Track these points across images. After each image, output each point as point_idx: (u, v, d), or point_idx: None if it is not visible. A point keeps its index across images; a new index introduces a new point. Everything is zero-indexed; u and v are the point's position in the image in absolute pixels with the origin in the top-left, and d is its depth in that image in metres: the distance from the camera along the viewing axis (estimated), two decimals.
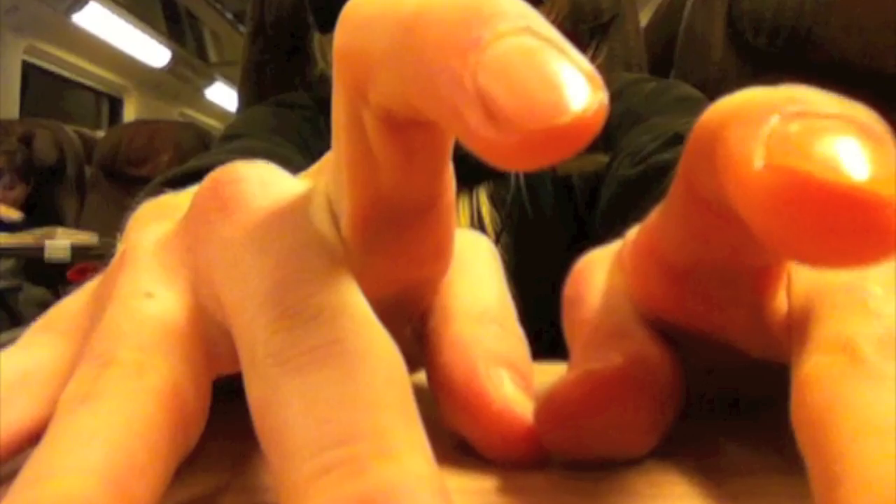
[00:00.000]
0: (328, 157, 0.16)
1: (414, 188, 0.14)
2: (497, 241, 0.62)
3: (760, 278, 0.14)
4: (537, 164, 0.10)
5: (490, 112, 0.10)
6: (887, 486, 0.09)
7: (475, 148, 0.10)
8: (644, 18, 1.04)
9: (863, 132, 0.10)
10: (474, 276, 0.19)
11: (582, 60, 0.10)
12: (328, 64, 0.70)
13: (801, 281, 0.14)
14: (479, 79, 0.10)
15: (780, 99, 0.11)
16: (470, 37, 0.10)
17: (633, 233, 0.18)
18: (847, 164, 0.10)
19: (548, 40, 0.10)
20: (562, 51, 0.10)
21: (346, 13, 0.13)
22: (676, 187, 0.14)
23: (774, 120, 0.11)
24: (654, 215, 0.16)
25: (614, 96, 0.65)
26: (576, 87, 0.10)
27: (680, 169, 0.14)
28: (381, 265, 0.15)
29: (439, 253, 0.16)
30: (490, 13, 0.10)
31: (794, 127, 0.10)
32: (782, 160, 0.10)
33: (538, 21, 0.10)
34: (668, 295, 0.16)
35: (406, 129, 0.13)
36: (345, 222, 0.14)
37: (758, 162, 0.10)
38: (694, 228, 0.14)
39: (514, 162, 0.10)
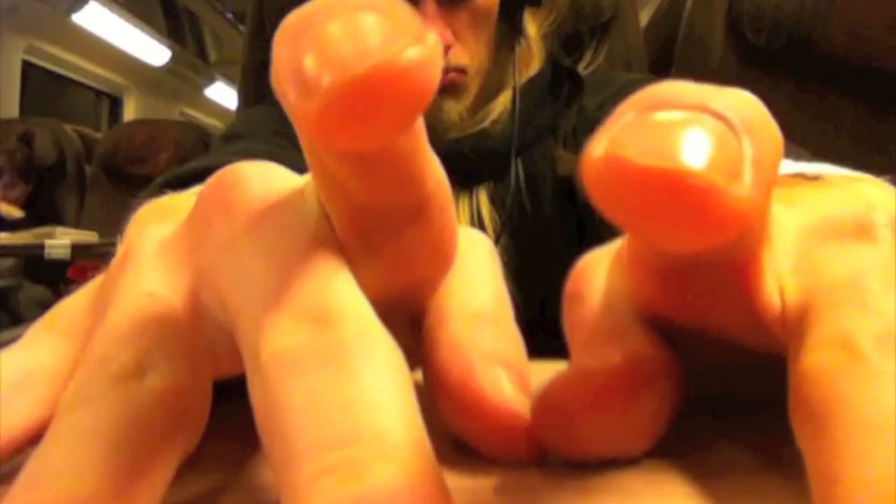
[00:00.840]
0: None
1: (388, 197, 0.14)
2: (497, 242, 0.62)
3: (741, 273, 0.14)
4: (351, 134, 0.10)
5: (299, 80, 0.10)
6: (885, 484, 0.09)
7: (301, 131, 0.10)
8: (644, 18, 1.04)
9: (705, 121, 0.11)
10: (471, 276, 0.19)
11: (409, 20, 0.10)
12: None
13: (798, 277, 0.14)
14: (297, 54, 0.10)
15: (642, 97, 0.12)
16: (301, 23, 0.10)
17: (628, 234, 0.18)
18: (671, 151, 0.10)
19: (371, 7, 0.10)
20: (385, 13, 0.10)
21: (278, 30, 0.13)
22: None
23: (629, 116, 0.11)
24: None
25: (615, 96, 0.66)
26: (378, 36, 0.09)
27: None
28: (379, 267, 0.15)
29: (437, 253, 0.16)
30: (324, 5, 0.10)
31: (641, 120, 0.11)
32: (614, 150, 0.11)
33: (382, 3, 0.10)
34: (662, 293, 0.16)
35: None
36: (338, 230, 0.14)
37: (597, 152, 0.11)
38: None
39: (326, 131, 0.10)
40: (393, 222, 0.15)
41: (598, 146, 0.11)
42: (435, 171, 0.15)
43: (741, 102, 0.11)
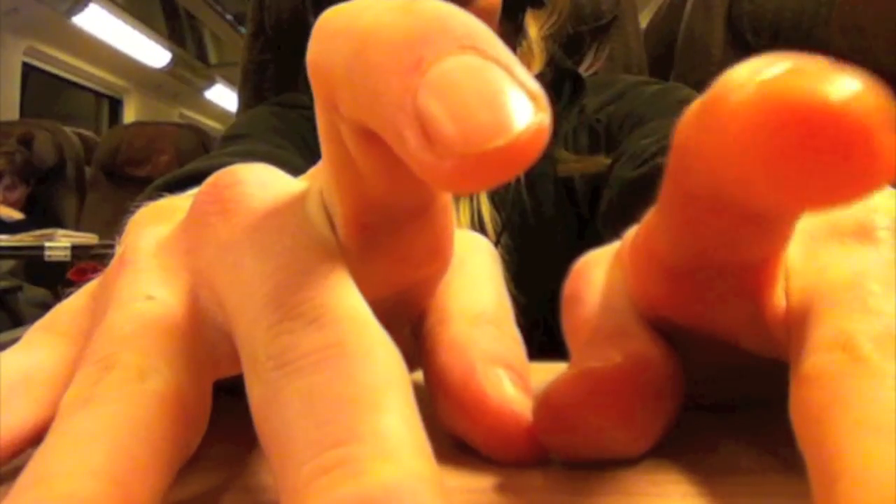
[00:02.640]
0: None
1: (402, 194, 0.14)
2: (497, 242, 0.62)
3: (756, 274, 0.14)
4: (476, 187, 0.10)
5: (428, 134, 0.09)
6: (885, 484, 0.09)
7: (417, 171, 0.10)
8: (644, 20, 1.04)
9: (845, 69, 0.10)
10: (472, 278, 0.19)
11: (527, 79, 0.10)
12: None
13: (799, 279, 0.14)
14: (419, 99, 0.10)
15: (758, 62, 0.11)
16: (412, 57, 0.10)
17: (631, 233, 0.18)
18: (832, 89, 0.10)
19: (493, 59, 0.10)
20: (506, 69, 0.10)
21: (317, 25, 0.13)
22: (666, 186, 0.14)
23: (761, 64, 0.11)
24: (650, 215, 0.16)
25: (616, 98, 0.66)
26: (515, 109, 0.09)
27: (668, 166, 0.14)
28: (378, 267, 0.15)
29: (436, 253, 0.16)
30: (435, 32, 0.10)
31: (782, 66, 0.10)
32: (778, 87, 0.10)
33: (486, 39, 0.10)
34: (667, 293, 0.16)
35: (381, 140, 0.12)
36: (340, 227, 0.14)
37: (743, 93, 0.10)
38: (685, 225, 0.14)
39: (452, 185, 0.10)
40: (397, 221, 0.15)
41: (740, 88, 0.10)
42: None
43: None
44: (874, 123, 0.10)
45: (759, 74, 0.10)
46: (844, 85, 0.10)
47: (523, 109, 0.09)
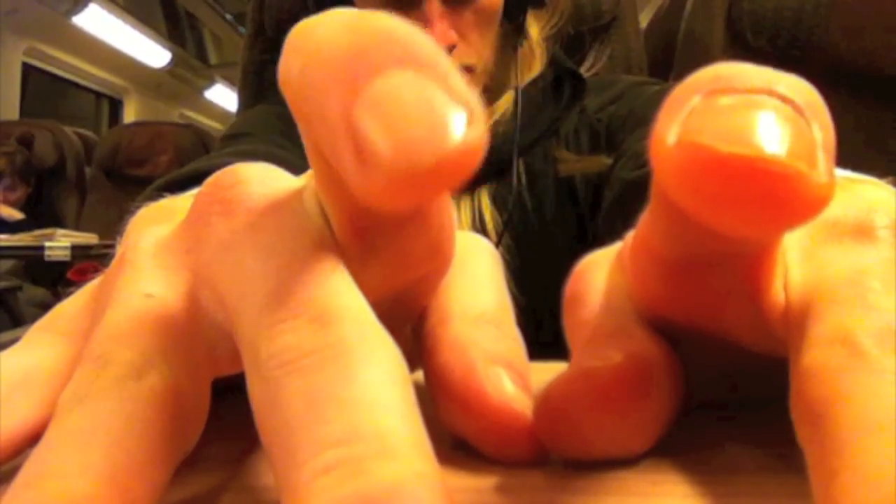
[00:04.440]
0: None
1: None
2: (498, 243, 0.62)
3: (752, 269, 0.14)
4: (408, 204, 0.10)
5: (361, 152, 0.09)
6: (886, 480, 0.09)
7: (352, 189, 0.10)
8: (644, 20, 1.04)
9: (777, 106, 0.11)
10: (473, 278, 0.19)
11: (463, 92, 0.10)
12: None
13: (799, 275, 0.14)
14: (353, 116, 0.10)
15: (705, 79, 0.11)
16: (350, 74, 0.10)
17: (631, 234, 0.18)
18: (750, 137, 0.10)
19: (431, 75, 0.10)
20: (443, 86, 0.10)
21: (288, 37, 0.13)
22: (654, 183, 0.14)
23: (695, 100, 0.11)
24: (645, 213, 0.16)
25: (616, 98, 0.66)
26: (448, 124, 0.09)
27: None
28: (377, 267, 0.15)
29: (436, 252, 0.16)
30: (373, 49, 0.10)
31: (711, 104, 0.11)
32: (691, 137, 0.11)
33: (426, 54, 0.10)
34: (665, 292, 0.16)
35: None
36: (336, 230, 0.14)
37: (671, 139, 0.11)
38: (675, 222, 0.14)
39: (385, 202, 0.10)
40: (393, 223, 0.15)
41: (670, 132, 0.11)
42: None
43: (802, 86, 0.11)
44: (791, 174, 0.10)
45: (685, 126, 0.11)
46: (759, 132, 0.10)
47: (456, 125, 0.09)
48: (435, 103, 0.10)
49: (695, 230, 0.14)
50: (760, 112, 0.11)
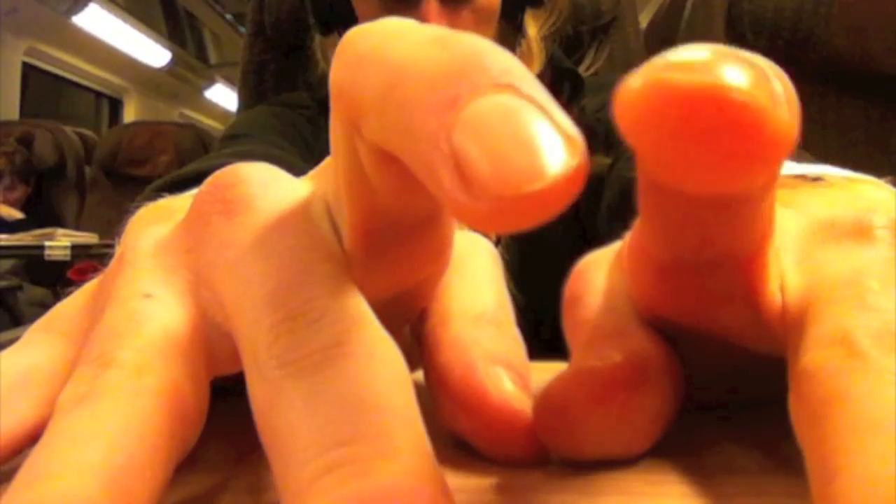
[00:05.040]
0: (328, 163, 0.16)
1: (413, 208, 0.14)
2: (498, 243, 0.62)
3: (747, 270, 0.14)
4: (511, 228, 0.10)
5: (463, 175, 0.09)
6: (884, 481, 0.09)
7: (449, 210, 0.10)
8: (644, 20, 1.04)
9: (740, 59, 0.11)
10: (473, 279, 0.19)
11: (563, 121, 0.10)
12: (329, 64, 0.70)
13: (796, 276, 0.14)
14: (454, 139, 0.10)
15: (669, 52, 0.11)
16: (448, 94, 0.10)
17: (629, 233, 0.18)
18: (714, 71, 0.10)
19: (530, 99, 0.10)
20: (543, 111, 0.10)
21: (342, 46, 0.12)
22: (639, 183, 0.14)
23: (659, 60, 0.11)
24: (639, 216, 0.16)
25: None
26: (551, 152, 0.09)
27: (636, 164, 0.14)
28: (381, 271, 0.15)
29: (438, 255, 0.16)
30: (472, 69, 0.10)
31: (674, 55, 0.11)
32: (655, 75, 0.11)
33: (523, 77, 0.10)
34: (662, 293, 0.16)
35: (400, 161, 0.12)
36: (345, 233, 0.14)
37: (635, 84, 0.11)
38: (661, 219, 0.14)
39: (487, 225, 0.10)
40: (404, 229, 0.15)
41: (634, 81, 0.11)
42: None
43: (765, 60, 0.12)
44: (752, 104, 0.10)
45: (649, 67, 0.11)
46: (721, 67, 0.11)
47: (559, 153, 0.09)
48: (537, 129, 0.10)
49: (685, 228, 0.14)
50: (723, 58, 0.11)
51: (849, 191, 0.16)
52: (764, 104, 0.10)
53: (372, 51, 0.12)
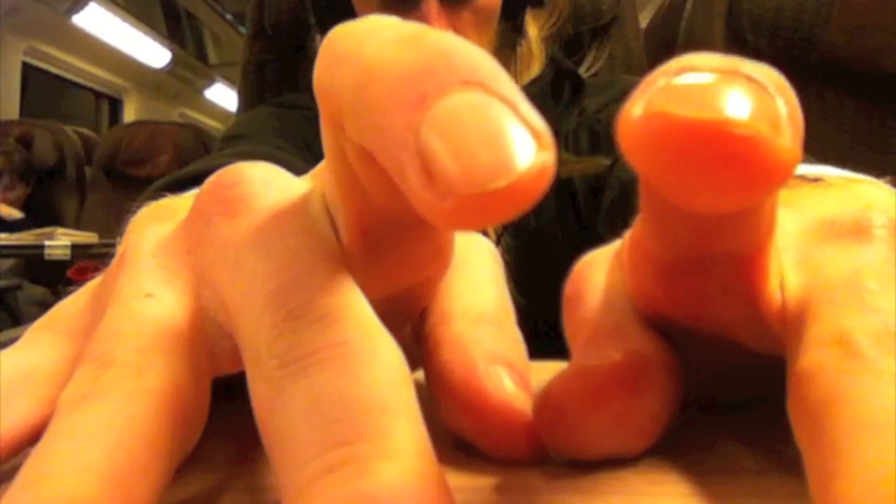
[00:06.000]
0: (326, 162, 0.16)
1: (405, 207, 0.14)
2: (498, 243, 0.62)
3: (747, 268, 0.14)
4: (477, 225, 0.10)
5: (429, 172, 0.09)
6: (883, 481, 0.09)
7: (417, 208, 0.10)
8: (644, 20, 1.04)
9: (742, 81, 0.11)
10: (474, 279, 0.19)
11: (531, 116, 0.10)
12: None
13: (796, 275, 0.14)
14: (421, 137, 0.10)
15: (673, 65, 0.12)
16: (416, 93, 0.10)
17: (628, 233, 0.18)
18: (714, 103, 0.10)
19: (498, 95, 0.10)
20: (511, 107, 0.10)
21: (324, 45, 0.13)
22: (642, 184, 0.14)
23: (661, 81, 0.11)
24: (639, 215, 0.16)
25: (616, 99, 0.66)
26: (518, 148, 0.09)
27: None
28: (380, 270, 0.15)
29: (438, 255, 0.16)
30: (440, 67, 0.10)
31: (677, 81, 0.11)
32: (655, 107, 0.11)
33: (491, 74, 0.10)
34: (662, 292, 0.16)
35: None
36: (342, 232, 0.14)
37: (636, 112, 0.11)
38: (661, 218, 0.14)
39: (452, 223, 0.10)
40: (400, 228, 0.15)
41: (636, 107, 0.11)
42: None
43: (767, 70, 0.12)
44: (753, 137, 0.10)
45: (650, 92, 0.11)
46: (723, 99, 0.10)
47: (526, 149, 0.09)
48: (504, 125, 0.10)
49: (686, 229, 0.14)
50: (725, 84, 0.11)
51: (848, 191, 0.16)
52: (765, 136, 0.10)
53: (347, 50, 0.12)
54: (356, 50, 0.11)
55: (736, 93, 0.11)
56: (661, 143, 0.11)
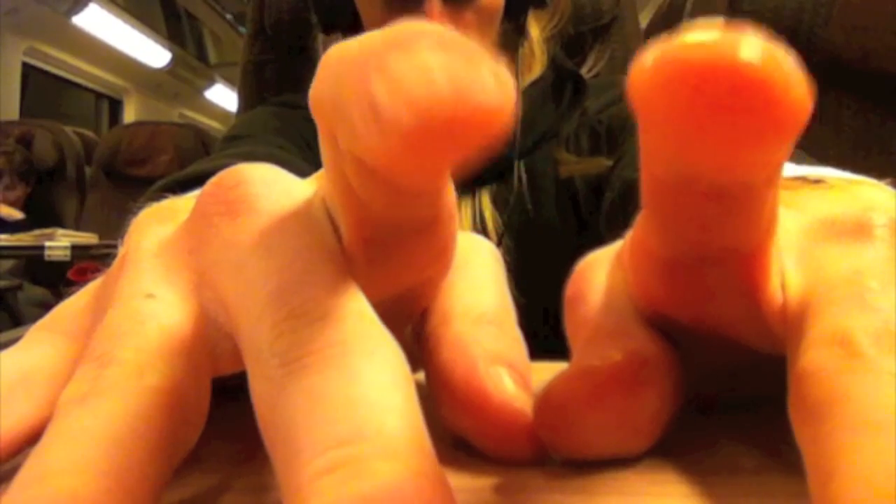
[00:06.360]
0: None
1: (406, 217, 0.14)
2: (499, 243, 0.63)
3: (748, 266, 0.14)
4: (428, 169, 0.09)
5: (376, 114, 0.09)
6: (882, 480, 0.09)
7: (372, 162, 0.10)
8: (644, 20, 1.04)
9: (747, 32, 0.11)
10: (475, 279, 0.19)
11: (489, 61, 0.10)
12: None
13: (797, 274, 0.14)
14: (371, 85, 0.10)
15: (677, 32, 0.11)
16: (371, 54, 0.10)
17: (630, 233, 0.18)
18: (727, 46, 0.10)
19: (457, 47, 0.10)
20: (468, 52, 0.10)
21: (321, 63, 0.13)
22: (643, 179, 0.14)
23: (671, 38, 0.11)
24: (641, 213, 0.16)
25: (617, 99, 0.66)
26: (469, 78, 0.09)
27: (640, 157, 0.14)
28: (381, 273, 0.15)
29: (439, 256, 0.16)
30: (404, 36, 0.10)
31: (685, 31, 0.11)
32: (668, 53, 0.11)
33: (459, 40, 0.10)
34: (664, 291, 0.16)
35: (381, 173, 0.12)
36: (345, 239, 0.14)
37: (649, 62, 0.11)
38: (665, 215, 0.14)
39: (404, 165, 0.10)
40: (401, 235, 0.15)
41: (647, 58, 0.11)
42: (449, 185, 0.15)
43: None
44: (767, 77, 0.10)
45: (661, 43, 0.11)
46: (734, 43, 0.10)
47: (479, 80, 0.09)
48: (458, 63, 0.09)
49: (688, 224, 0.14)
50: (736, 34, 0.11)
51: (849, 192, 0.16)
52: (779, 77, 0.10)
53: (336, 57, 0.12)
54: (344, 52, 0.12)
55: (749, 41, 0.11)
56: (674, 86, 0.11)
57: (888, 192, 0.16)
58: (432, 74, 0.09)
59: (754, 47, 0.10)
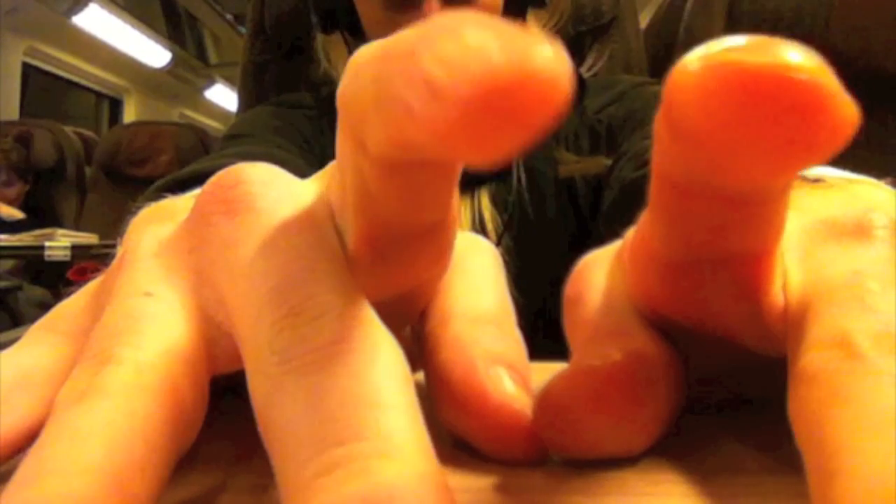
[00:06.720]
0: (333, 167, 0.16)
1: (418, 219, 0.14)
2: (498, 243, 0.63)
3: (752, 269, 0.14)
4: (489, 146, 0.09)
5: (431, 88, 0.09)
6: (882, 481, 0.09)
7: (429, 140, 0.09)
8: (644, 20, 1.04)
9: (792, 43, 0.11)
10: (474, 279, 0.19)
11: (535, 33, 0.09)
12: (331, 64, 0.70)
13: (798, 276, 0.14)
14: (423, 64, 0.09)
15: (710, 43, 0.11)
16: (425, 45, 0.10)
17: (630, 232, 0.18)
18: (776, 53, 0.10)
19: (500, 26, 0.10)
20: (509, 28, 0.09)
21: (349, 62, 0.12)
22: (653, 180, 0.14)
23: (715, 45, 0.11)
24: (644, 213, 0.16)
25: (617, 99, 0.66)
26: (527, 47, 0.09)
27: (652, 159, 0.14)
28: (383, 274, 0.15)
29: (440, 257, 0.16)
30: (446, 30, 0.10)
31: (733, 39, 0.11)
32: (717, 58, 0.10)
33: (495, 20, 0.10)
34: (665, 290, 0.16)
35: (407, 171, 0.12)
36: (350, 240, 0.14)
37: (695, 66, 0.11)
38: (673, 216, 0.14)
39: (464, 140, 0.09)
40: (407, 237, 0.15)
41: (693, 61, 0.11)
42: (457, 189, 0.15)
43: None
44: (820, 85, 0.10)
45: (706, 49, 0.11)
46: (785, 50, 0.10)
47: (537, 50, 0.09)
48: (509, 36, 0.09)
49: (701, 227, 0.14)
50: (781, 42, 0.11)
51: (848, 192, 0.16)
52: (833, 87, 0.10)
53: (367, 56, 0.12)
54: (376, 47, 0.11)
55: (795, 48, 0.10)
56: (723, 93, 0.10)
57: (888, 192, 0.16)
58: (486, 47, 0.09)
59: (807, 56, 0.10)
